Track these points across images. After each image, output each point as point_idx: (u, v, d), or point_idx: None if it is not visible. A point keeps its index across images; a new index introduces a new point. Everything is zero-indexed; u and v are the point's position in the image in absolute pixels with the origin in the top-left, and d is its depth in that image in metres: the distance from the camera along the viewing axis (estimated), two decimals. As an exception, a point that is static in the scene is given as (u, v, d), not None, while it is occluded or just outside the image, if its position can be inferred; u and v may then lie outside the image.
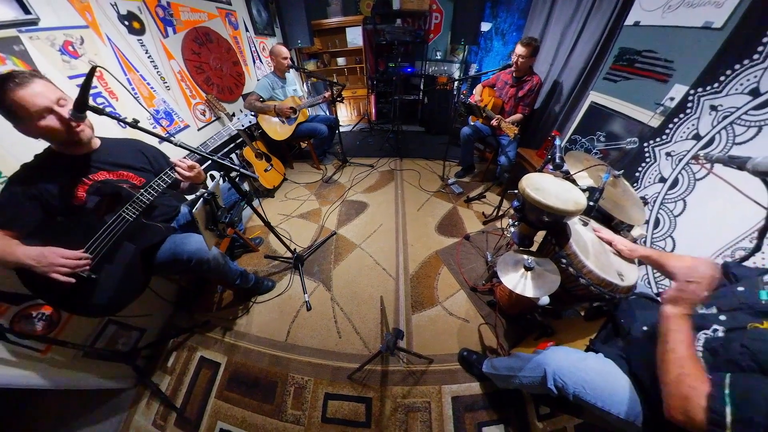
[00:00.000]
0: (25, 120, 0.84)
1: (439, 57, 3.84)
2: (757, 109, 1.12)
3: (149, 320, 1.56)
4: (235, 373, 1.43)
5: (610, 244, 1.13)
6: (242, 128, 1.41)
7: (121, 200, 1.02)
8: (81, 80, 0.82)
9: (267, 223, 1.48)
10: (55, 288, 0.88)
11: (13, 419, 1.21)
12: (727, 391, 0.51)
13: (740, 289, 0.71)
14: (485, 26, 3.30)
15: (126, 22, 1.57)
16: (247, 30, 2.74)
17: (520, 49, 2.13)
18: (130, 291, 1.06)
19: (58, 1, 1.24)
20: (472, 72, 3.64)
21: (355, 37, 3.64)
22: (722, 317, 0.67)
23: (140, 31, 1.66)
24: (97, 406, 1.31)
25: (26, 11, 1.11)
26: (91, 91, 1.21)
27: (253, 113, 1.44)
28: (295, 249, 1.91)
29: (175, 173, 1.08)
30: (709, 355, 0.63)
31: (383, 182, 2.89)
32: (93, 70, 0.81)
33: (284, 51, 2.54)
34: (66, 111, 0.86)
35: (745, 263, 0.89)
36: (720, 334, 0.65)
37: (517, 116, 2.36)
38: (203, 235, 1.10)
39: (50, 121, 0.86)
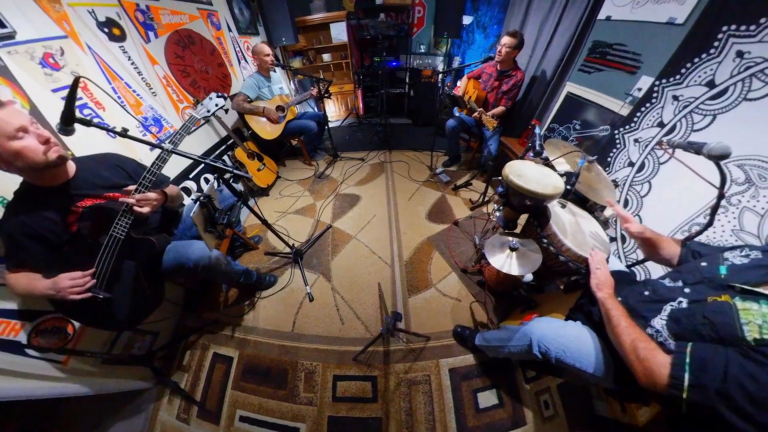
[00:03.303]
0: None
1: (423, 50, 3.78)
2: (712, 100, 1.18)
3: (161, 324, 1.56)
4: (248, 365, 1.46)
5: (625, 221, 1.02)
6: (208, 114, 1.21)
7: (110, 219, 0.96)
8: (65, 93, 0.78)
9: (264, 222, 1.47)
10: (79, 309, 0.92)
11: (49, 426, 1.22)
12: (687, 360, 0.57)
13: (703, 264, 0.75)
14: (467, 20, 3.25)
15: (105, 29, 1.47)
16: (230, 30, 2.60)
17: (506, 40, 2.11)
18: (145, 303, 1.07)
19: (34, 12, 1.15)
20: (456, 64, 3.60)
21: (339, 32, 3.50)
22: (687, 290, 0.72)
23: (121, 38, 1.56)
24: (123, 406, 1.33)
25: (1, 25, 1.03)
26: (77, 103, 1.16)
27: (219, 95, 1.23)
28: (293, 244, 1.91)
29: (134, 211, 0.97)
30: (673, 323, 0.68)
31: (374, 175, 2.88)
32: (76, 81, 0.78)
33: (266, 48, 2.43)
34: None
35: (708, 240, 0.96)
36: (684, 305, 0.69)
37: (500, 109, 2.37)
38: (203, 238, 1.09)
39: (27, 140, 0.77)
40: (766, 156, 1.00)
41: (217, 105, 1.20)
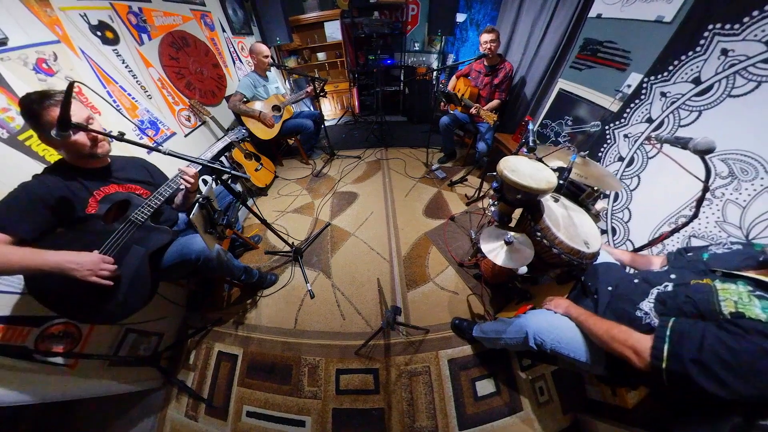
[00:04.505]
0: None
1: (417, 48, 3.73)
2: (698, 96, 1.19)
3: (165, 325, 1.56)
4: (252, 362, 1.47)
5: None
6: (236, 140, 1.42)
7: (129, 207, 1.04)
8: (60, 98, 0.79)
9: (263, 221, 1.47)
10: (67, 298, 0.89)
11: (61, 427, 1.22)
12: (667, 333, 0.62)
13: (689, 254, 0.83)
14: (460, 17, 3.21)
15: (98, 33, 1.43)
16: (224, 30, 2.55)
17: (487, 37, 2.18)
18: (139, 297, 1.02)
19: (25, 17, 1.12)
20: (450, 62, 3.57)
21: (333, 31, 3.46)
22: (672, 275, 0.77)
23: (114, 41, 1.52)
24: (133, 406, 1.33)
25: (-7, 31, 1.00)
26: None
27: (244, 129, 1.44)
28: (293, 243, 1.91)
29: (181, 180, 1.12)
30: (660, 305, 0.73)
31: (371, 172, 2.88)
32: (71, 86, 0.76)
33: (264, 49, 2.40)
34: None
35: (693, 232, 1.02)
36: (669, 288, 0.74)
37: (495, 102, 2.39)
38: (203, 239, 1.09)
39: (80, 136, 0.91)
40: (748, 150, 1.03)
41: (244, 135, 1.47)
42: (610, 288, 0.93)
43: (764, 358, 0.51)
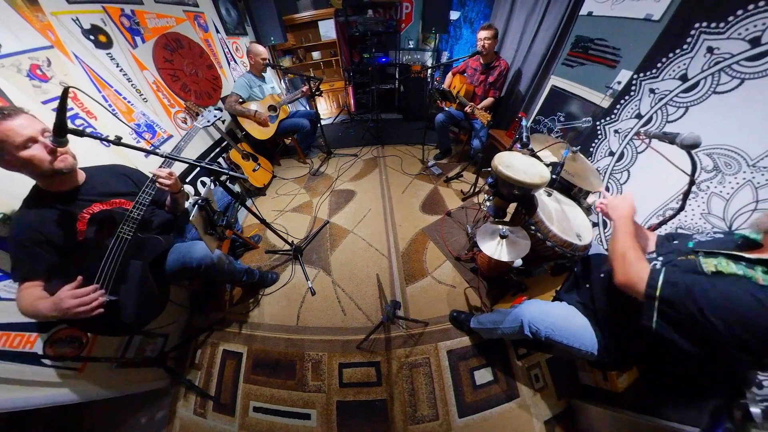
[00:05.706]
0: (8, 151, 0.79)
1: (411, 46, 3.69)
2: (685, 93, 1.21)
3: (170, 326, 1.56)
4: (257, 359, 1.48)
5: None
6: (209, 124, 1.33)
7: (116, 223, 0.98)
8: (55, 104, 0.78)
9: (263, 221, 1.46)
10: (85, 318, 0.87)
11: (73, 429, 1.22)
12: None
13: (675, 242, 0.85)
14: (454, 15, 3.19)
15: (91, 37, 1.39)
16: (218, 31, 2.49)
17: (483, 34, 2.15)
18: (152, 304, 1.03)
19: (17, 22, 1.09)
20: (444, 59, 3.55)
21: (327, 30, 3.41)
22: (660, 258, 0.80)
23: (108, 45, 1.48)
24: (143, 405, 1.34)
25: (-15, 38, 0.98)
26: (68, 113, 1.12)
27: (216, 107, 1.35)
28: (292, 241, 1.91)
29: (157, 184, 1.06)
30: None
31: (368, 170, 2.87)
32: (66, 91, 0.75)
33: (263, 50, 2.37)
34: (50, 140, 0.81)
35: (680, 224, 1.04)
36: (658, 266, 0.76)
37: (489, 100, 2.39)
38: (204, 240, 1.09)
39: (35, 150, 0.81)
40: (732, 145, 1.05)
41: (215, 116, 1.32)
42: (602, 275, 0.96)
43: (744, 299, 0.54)
